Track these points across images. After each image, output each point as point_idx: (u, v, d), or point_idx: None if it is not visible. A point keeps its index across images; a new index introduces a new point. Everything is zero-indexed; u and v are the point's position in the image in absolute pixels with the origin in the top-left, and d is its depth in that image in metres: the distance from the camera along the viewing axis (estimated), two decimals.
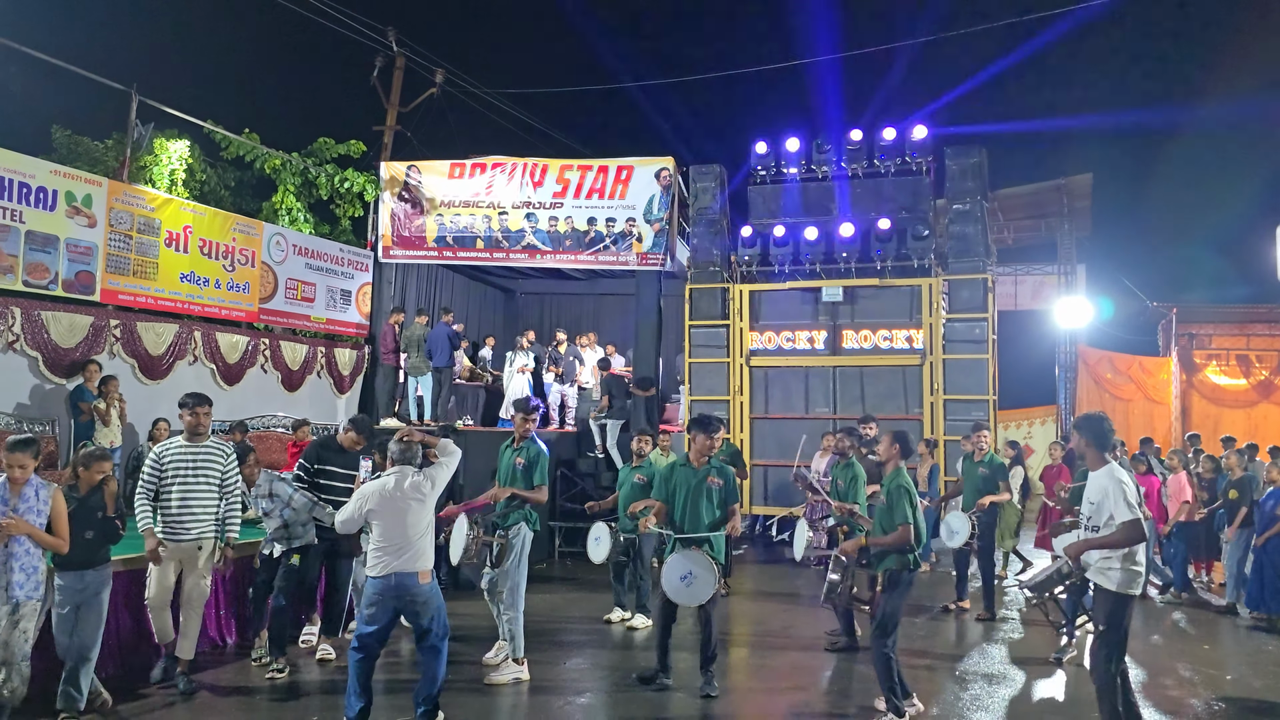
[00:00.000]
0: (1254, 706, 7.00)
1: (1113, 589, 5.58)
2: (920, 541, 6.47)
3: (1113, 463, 5.75)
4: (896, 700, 6.27)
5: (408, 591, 5.89)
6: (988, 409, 13.83)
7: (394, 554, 5.89)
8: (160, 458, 6.95)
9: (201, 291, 12.85)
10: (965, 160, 14.48)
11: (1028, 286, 24.91)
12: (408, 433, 6.38)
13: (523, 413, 7.63)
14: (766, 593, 11.30)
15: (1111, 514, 5.52)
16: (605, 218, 15.24)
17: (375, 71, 17.71)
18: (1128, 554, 5.57)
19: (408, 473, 6.13)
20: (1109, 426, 5.86)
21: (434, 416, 14.47)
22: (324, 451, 7.89)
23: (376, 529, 5.95)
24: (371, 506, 5.99)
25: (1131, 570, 5.56)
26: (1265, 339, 20.42)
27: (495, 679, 7.20)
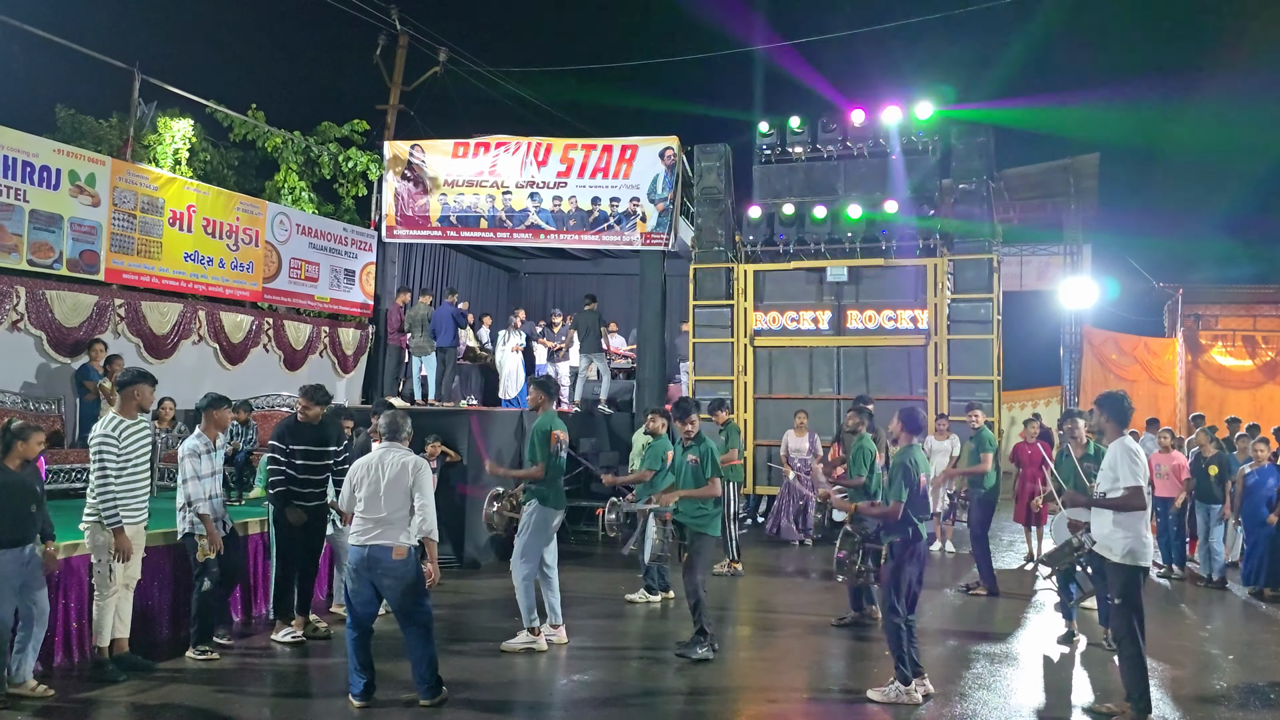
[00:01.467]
0: (1254, 687, 7.01)
1: (1117, 560, 5.89)
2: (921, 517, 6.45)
3: (1126, 436, 6.04)
4: (905, 670, 6.27)
5: (379, 564, 5.91)
6: (992, 389, 13.82)
7: (371, 525, 5.95)
8: (121, 438, 6.44)
9: (205, 271, 12.85)
10: (971, 140, 14.42)
11: (1033, 267, 24.78)
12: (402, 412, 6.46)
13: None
14: (773, 570, 11.31)
15: (1117, 478, 5.87)
16: (609, 197, 15.19)
17: (378, 50, 17.64)
18: (1130, 525, 5.84)
19: (393, 448, 6.13)
20: (1128, 405, 6.16)
21: (438, 396, 14.49)
22: (290, 431, 7.59)
23: (360, 500, 6.02)
24: (361, 479, 6.05)
25: (1133, 541, 5.84)
26: (1272, 320, 20.34)
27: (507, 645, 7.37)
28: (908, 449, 6.64)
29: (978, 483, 10.36)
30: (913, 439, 6.66)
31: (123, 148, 13.01)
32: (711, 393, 14.35)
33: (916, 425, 6.76)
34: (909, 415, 6.81)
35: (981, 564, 10.03)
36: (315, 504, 7.57)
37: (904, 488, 6.41)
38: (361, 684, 5.96)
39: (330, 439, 7.70)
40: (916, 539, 6.43)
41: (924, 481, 6.43)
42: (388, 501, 5.95)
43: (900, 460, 6.56)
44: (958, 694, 6.58)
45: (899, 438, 6.76)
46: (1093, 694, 6.59)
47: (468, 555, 11.03)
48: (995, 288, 14.19)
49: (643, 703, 6.38)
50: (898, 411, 6.92)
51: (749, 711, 6.40)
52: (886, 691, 6.27)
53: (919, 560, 6.45)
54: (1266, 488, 10.47)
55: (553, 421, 7.54)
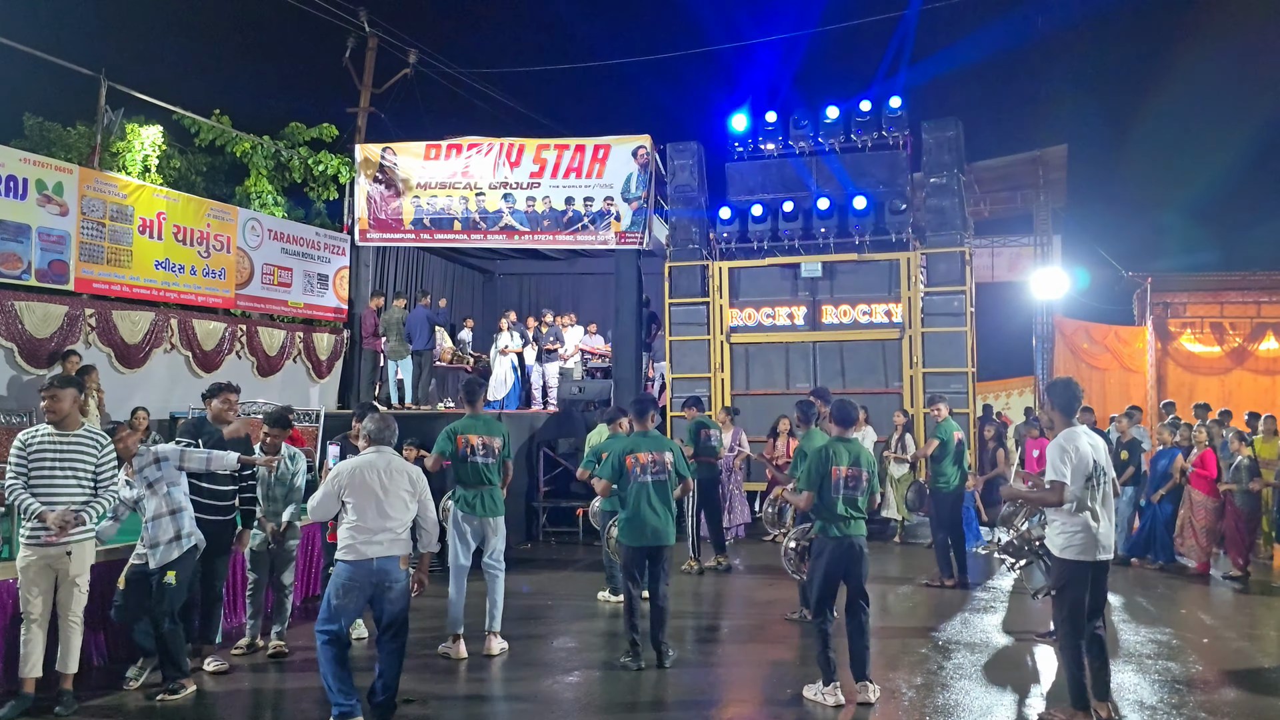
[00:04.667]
0: (1231, 672, 7.12)
1: (1057, 553, 5.84)
2: (830, 510, 6.35)
3: (1075, 428, 5.88)
4: (823, 672, 6.26)
5: (388, 577, 5.65)
6: (966, 381, 13.92)
7: (373, 535, 5.63)
8: (26, 446, 5.92)
9: (177, 278, 12.74)
10: (941, 133, 14.53)
11: (1004, 259, 24.99)
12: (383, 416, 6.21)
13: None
14: (753, 568, 11.36)
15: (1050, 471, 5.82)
16: (583, 197, 15.18)
17: (347, 53, 17.52)
18: (1065, 519, 5.76)
19: (387, 453, 5.91)
20: (1077, 392, 6.04)
21: (415, 400, 14.46)
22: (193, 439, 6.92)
23: (352, 510, 5.68)
24: (346, 485, 5.71)
25: (1072, 535, 5.73)
26: (1238, 306, 20.62)
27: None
28: (816, 439, 6.71)
29: (936, 478, 10.33)
30: (845, 431, 6.60)
31: (90, 156, 12.87)
32: (689, 391, 14.42)
33: (843, 416, 6.65)
34: (803, 407, 6.95)
35: (940, 559, 10.13)
36: (224, 519, 7.02)
37: (809, 475, 6.43)
38: (350, 704, 5.63)
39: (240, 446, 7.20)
40: (835, 535, 6.34)
41: (837, 474, 6.31)
42: (392, 511, 5.71)
43: (803, 450, 6.57)
44: (940, 685, 6.65)
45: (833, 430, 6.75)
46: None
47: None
48: (968, 280, 14.30)
49: (617, 702, 6.40)
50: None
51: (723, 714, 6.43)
52: (811, 689, 6.32)
53: (833, 557, 6.32)
54: (1158, 468, 11.32)
55: (464, 425, 7.53)
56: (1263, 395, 18.76)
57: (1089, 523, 5.72)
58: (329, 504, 5.80)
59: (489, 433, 7.55)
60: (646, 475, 7.12)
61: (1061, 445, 5.79)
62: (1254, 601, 9.75)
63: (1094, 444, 5.88)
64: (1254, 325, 20.14)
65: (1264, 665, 7.25)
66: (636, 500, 7.12)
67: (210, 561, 6.89)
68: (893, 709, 6.14)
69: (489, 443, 7.50)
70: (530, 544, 12.92)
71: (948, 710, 6.10)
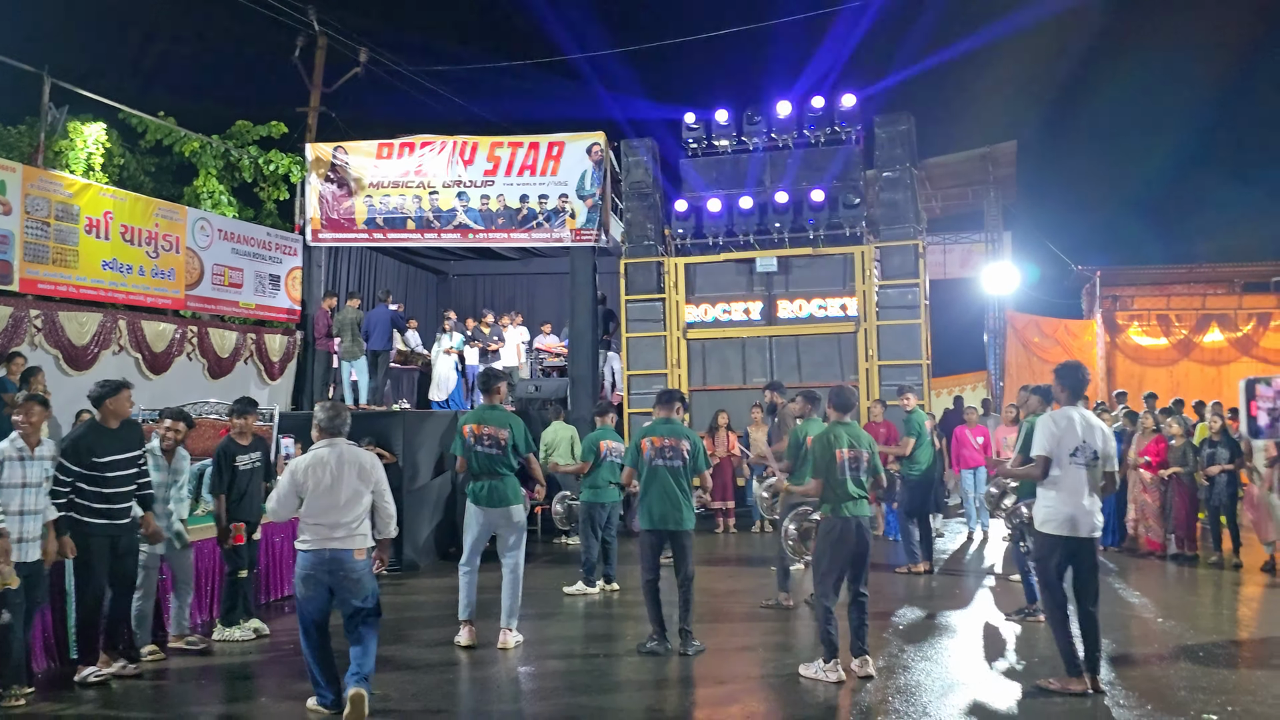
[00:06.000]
0: (1190, 648, 7.25)
1: (1037, 526, 6.18)
2: (838, 492, 6.44)
3: (1072, 408, 6.12)
4: (825, 649, 6.35)
5: (342, 567, 5.62)
6: (922, 373, 14.07)
7: (328, 529, 5.62)
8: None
9: (125, 279, 12.49)
10: (894, 128, 14.69)
11: (956, 255, 25.29)
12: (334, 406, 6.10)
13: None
14: (710, 559, 11.38)
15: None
16: (537, 195, 15.13)
17: (296, 51, 17.31)
18: (1045, 493, 6.05)
19: (339, 444, 5.85)
20: (1083, 376, 6.30)
21: (370, 401, 14.29)
22: (94, 438, 6.56)
23: (308, 503, 5.67)
24: (303, 480, 5.69)
25: (1046, 508, 6.04)
26: (1184, 298, 21.03)
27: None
28: (805, 424, 6.84)
29: (907, 466, 10.52)
30: (814, 415, 6.81)
31: (33, 154, 12.59)
32: (645, 387, 14.46)
33: (845, 404, 6.81)
34: (808, 396, 7.36)
35: (906, 543, 10.28)
36: (129, 520, 6.64)
37: (813, 464, 6.60)
38: (331, 696, 5.66)
39: (136, 444, 6.78)
40: (841, 516, 6.43)
41: (841, 456, 6.43)
42: (346, 502, 5.68)
43: (800, 437, 6.73)
44: (901, 666, 6.69)
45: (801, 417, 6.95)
46: (1027, 663, 6.75)
47: (406, 557, 10.90)
48: (921, 273, 14.47)
49: (590, 697, 6.37)
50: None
51: (699, 696, 6.42)
52: (810, 667, 6.40)
53: (843, 537, 6.42)
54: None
55: (472, 416, 7.58)
56: (1209, 385, 19.12)
57: (1069, 499, 5.95)
58: (289, 503, 5.77)
59: (497, 424, 7.46)
60: (660, 459, 7.15)
61: (1050, 419, 6.09)
62: (1203, 579, 9.99)
63: (1089, 425, 6.05)
64: (1199, 317, 20.54)
65: (1211, 639, 7.39)
66: (648, 483, 7.18)
67: (117, 566, 6.57)
68: (855, 690, 6.17)
69: (496, 434, 7.42)
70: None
71: (909, 691, 6.14)
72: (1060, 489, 5.97)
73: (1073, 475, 5.94)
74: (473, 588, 7.49)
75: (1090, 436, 5.99)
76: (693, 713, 6.01)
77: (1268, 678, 6.36)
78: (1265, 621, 8.46)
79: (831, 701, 5.99)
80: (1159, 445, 11.12)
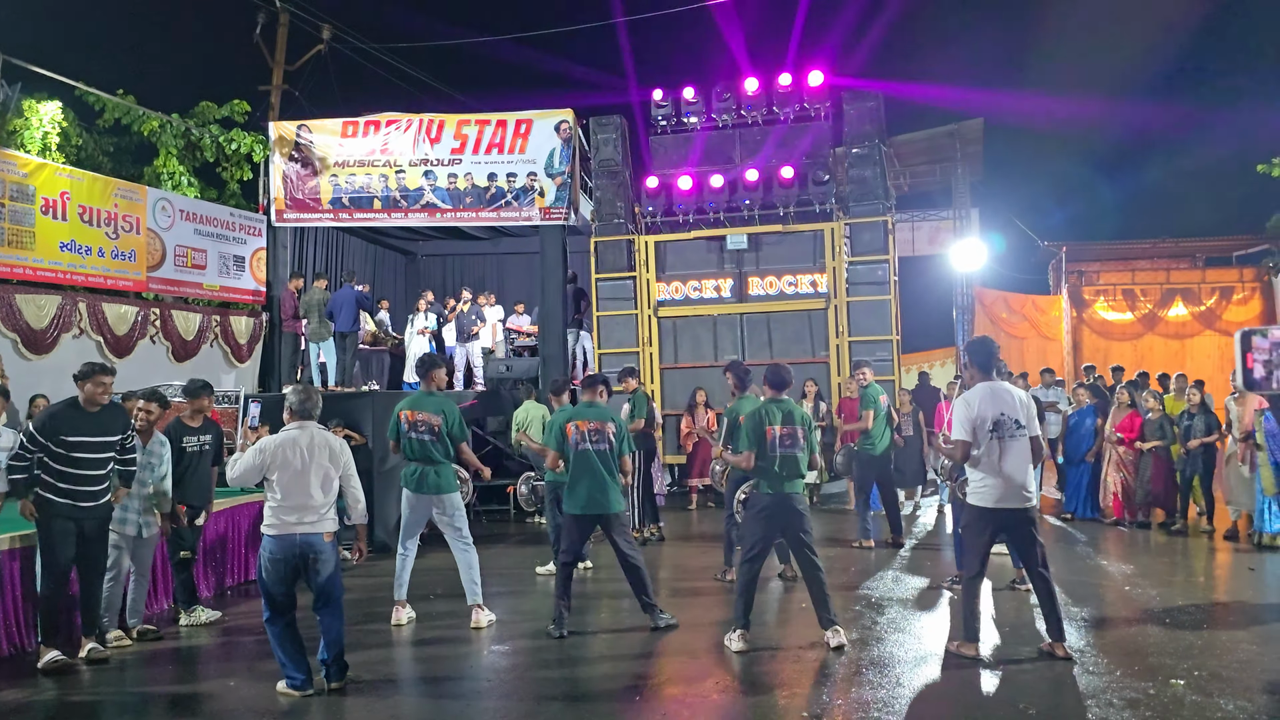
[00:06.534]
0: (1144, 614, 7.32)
1: (965, 497, 6.35)
2: (767, 468, 6.50)
3: (986, 384, 6.20)
4: (736, 618, 6.53)
5: (312, 549, 5.65)
6: (892, 349, 14.11)
7: (297, 513, 5.64)
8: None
9: (84, 261, 12.27)
10: (862, 105, 14.67)
11: (924, 232, 25.39)
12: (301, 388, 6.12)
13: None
14: (686, 535, 11.39)
15: None
16: (506, 173, 14.98)
17: (258, 29, 17.03)
18: (975, 469, 6.14)
19: (310, 427, 5.85)
20: (987, 348, 6.34)
21: (338, 382, 14.14)
22: (65, 419, 6.45)
23: (277, 486, 5.66)
24: (271, 461, 5.67)
25: (978, 483, 6.14)
26: (1148, 273, 21.23)
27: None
28: (741, 402, 7.01)
29: (863, 441, 10.49)
30: (744, 393, 6.97)
31: None
32: (617, 366, 14.37)
33: (741, 380, 7.25)
34: (733, 368, 7.67)
35: (861, 518, 10.33)
36: (96, 504, 6.52)
37: (740, 437, 6.62)
38: (301, 677, 5.67)
39: (117, 428, 6.67)
40: (768, 491, 6.51)
41: (772, 433, 6.45)
42: (316, 486, 5.69)
43: (735, 412, 6.78)
44: (875, 638, 6.71)
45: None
46: (999, 633, 6.80)
47: (378, 539, 10.82)
48: (891, 249, 14.49)
49: (563, 672, 6.35)
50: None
51: (671, 670, 6.41)
52: (729, 638, 6.53)
53: (766, 513, 6.50)
54: (1084, 428, 11.86)
55: (407, 402, 7.58)
56: (1173, 358, 19.35)
57: (995, 472, 6.04)
58: (250, 475, 5.77)
59: (433, 410, 7.44)
60: (586, 443, 7.10)
61: (965, 401, 6.18)
62: (1174, 547, 10.14)
63: (1004, 398, 6.11)
64: (1163, 291, 20.76)
65: (1179, 604, 7.48)
66: (575, 468, 7.13)
67: (85, 550, 6.47)
68: (830, 663, 6.18)
69: (429, 420, 7.39)
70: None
71: (882, 662, 6.15)
72: (986, 464, 6.07)
73: (995, 449, 6.03)
74: (406, 570, 7.51)
75: (1009, 408, 6.07)
76: (665, 687, 6.00)
77: (1232, 641, 6.43)
78: (1230, 587, 8.58)
79: (806, 672, 6.00)
80: (1134, 420, 11.30)
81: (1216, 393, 12.08)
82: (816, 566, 6.52)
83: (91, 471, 6.45)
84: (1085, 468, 11.80)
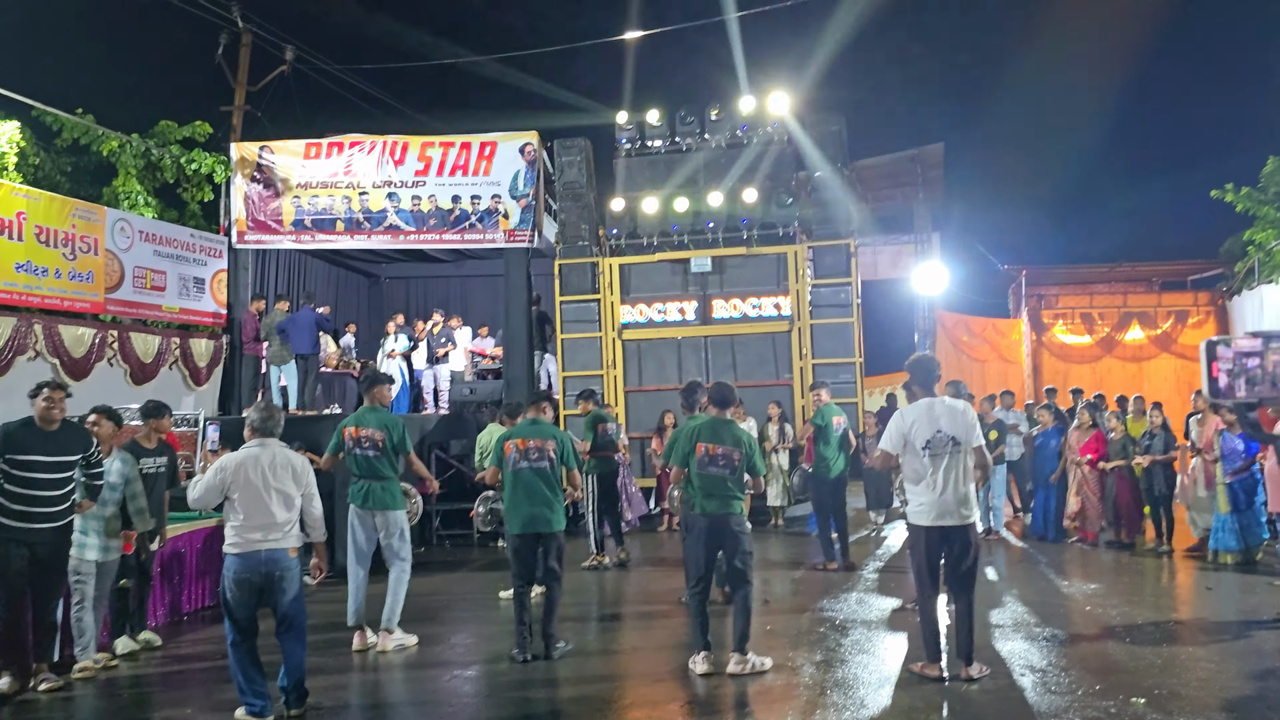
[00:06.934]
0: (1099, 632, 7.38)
1: (907, 518, 6.40)
2: (696, 487, 6.55)
3: (923, 400, 6.29)
4: (694, 640, 6.55)
5: (278, 566, 5.59)
6: (855, 371, 14.19)
7: (261, 531, 5.57)
8: None
9: (40, 282, 12.05)
10: (826, 128, 14.81)
11: (886, 256, 25.67)
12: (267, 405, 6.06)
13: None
14: (651, 559, 11.34)
15: None
16: (470, 195, 14.95)
17: (220, 49, 16.92)
18: (912, 486, 6.22)
19: (271, 445, 5.79)
20: (924, 367, 6.44)
21: (300, 405, 13.99)
22: (22, 436, 6.32)
23: (239, 505, 5.59)
24: (232, 480, 5.60)
25: (915, 501, 6.21)
26: (1106, 297, 21.53)
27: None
28: (689, 421, 6.96)
29: (817, 464, 10.36)
30: (722, 412, 6.74)
31: None
32: (581, 388, 14.35)
33: (690, 402, 7.21)
34: (689, 393, 7.55)
35: (823, 542, 10.29)
36: (50, 526, 6.32)
37: (671, 455, 6.71)
38: (260, 704, 5.54)
39: (76, 448, 6.52)
40: (701, 512, 6.52)
41: (701, 450, 6.46)
42: (277, 504, 5.64)
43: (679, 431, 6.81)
44: (838, 660, 6.71)
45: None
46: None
47: (339, 562, 10.63)
48: (854, 272, 14.59)
49: (526, 695, 6.29)
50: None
51: (635, 693, 6.37)
52: (692, 660, 6.51)
53: (696, 532, 6.54)
54: (1049, 449, 11.95)
55: (352, 418, 7.62)
56: (1130, 381, 19.61)
57: (929, 489, 6.07)
58: (211, 496, 5.69)
59: (376, 425, 7.41)
60: (524, 461, 7.08)
61: (900, 414, 6.29)
62: (1136, 566, 10.24)
63: (942, 415, 6.14)
64: (1121, 315, 21.06)
65: (1139, 622, 7.55)
66: (512, 486, 7.11)
67: (39, 574, 6.30)
68: (794, 685, 6.17)
69: (373, 435, 7.37)
70: (424, 547, 12.62)
71: (847, 684, 6.16)
72: (921, 480, 6.11)
73: (927, 464, 6.06)
74: (359, 595, 7.44)
75: (947, 424, 6.10)
76: (629, 711, 5.96)
77: (1191, 660, 6.50)
78: (1189, 605, 8.68)
79: (771, 695, 5.98)
80: (1098, 441, 11.45)
81: (1173, 415, 12.25)
82: (743, 588, 6.51)
83: (46, 492, 6.29)
84: (1052, 489, 11.85)
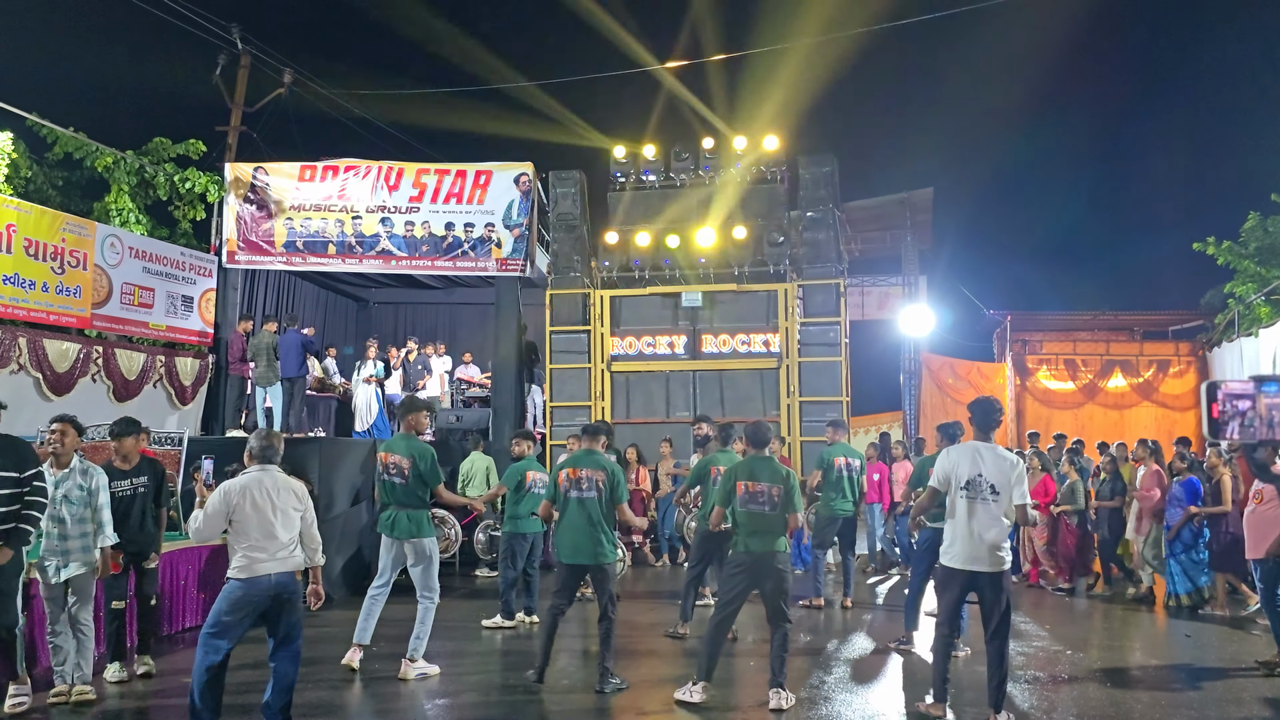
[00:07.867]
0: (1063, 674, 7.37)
1: (939, 558, 6.31)
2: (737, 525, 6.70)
3: (968, 444, 6.24)
4: (700, 669, 6.63)
5: (285, 590, 5.55)
6: (842, 409, 14.22)
7: (268, 553, 5.53)
8: None
9: (27, 295, 11.97)
10: (818, 169, 14.94)
11: (874, 297, 25.91)
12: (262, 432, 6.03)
13: None
14: (634, 594, 11.27)
15: None
16: (463, 223, 15.00)
17: (218, 69, 16.93)
18: (948, 527, 6.14)
19: (272, 470, 5.77)
20: (983, 410, 6.26)
21: (284, 428, 13.89)
22: None
23: (241, 529, 5.55)
24: (236, 504, 5.56)
25: (949, 544, 6.10)
26: (1089, 344, 21.71)
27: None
28: (717, 455, 7.45)
29: (822, 501, 10.35)
30: (760, 451, 6.82)
31: None
32: (569, 419, 14.38)
33: (759, 439, 6.96)
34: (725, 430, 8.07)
35: (813, 575, 10.28)
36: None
37: (723, 495, 6.79)
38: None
39: (12, 465, 6.19)
40: (737, 549, 6.70)
41: (741, 489, 6.62)
42: (282, 528, 5.62)
43: (711, 467, 7.14)
44: (822, 698, 6.68)
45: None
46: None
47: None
48: (843, 311, 14.69)
49: None
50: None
51: None
52: (682, 690, 6.59)
53: (736, 569, 6.66)
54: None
55: (384, 445, 7.79)
56: (1111, 428, 19.73)
57: (962, 532, 6.02)
58: (215, 524, 5.61)
59: (404, 453, 7.45)
60: (574, 491, 7.10)
61: (945, 453, 6.27)
62: (1085, 609, 10.40)
63: (986, 460, 6.03)
64: (1103, 362, 21.21)
65: (1090, 668, 7.55)
66: (561, 515, 7.17)
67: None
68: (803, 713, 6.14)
69: (400, 463, 7.40)
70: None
71: None
72: (955, 522, 6.06)
73: (964, 508, 6.00)
74: (373, 613, 7.49)
75: (989, 470, 5.97)
76: None
77: (1143, 704, 6.49)
78: (1138, 648, 8.62)
79: None
80: (1047, 485, 11.59)
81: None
82: (782, 627, 6.53)
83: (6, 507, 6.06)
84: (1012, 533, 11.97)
